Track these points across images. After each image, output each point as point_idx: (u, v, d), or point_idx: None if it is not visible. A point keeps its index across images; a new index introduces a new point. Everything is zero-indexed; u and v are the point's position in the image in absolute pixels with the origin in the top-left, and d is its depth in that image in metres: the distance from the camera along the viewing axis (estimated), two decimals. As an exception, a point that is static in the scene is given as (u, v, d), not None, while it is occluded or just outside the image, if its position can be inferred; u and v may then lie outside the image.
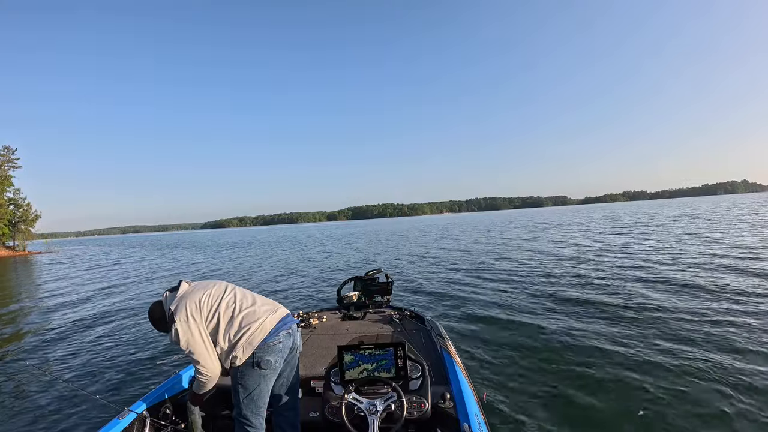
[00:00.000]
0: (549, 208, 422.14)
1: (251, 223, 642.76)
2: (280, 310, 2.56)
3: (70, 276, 19.91)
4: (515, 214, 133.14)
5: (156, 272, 19.56)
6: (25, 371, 5.82)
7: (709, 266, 10.58)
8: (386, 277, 5.33)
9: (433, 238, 32.01)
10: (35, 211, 55.38)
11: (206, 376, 2.32)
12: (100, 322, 8.82)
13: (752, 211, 36.86)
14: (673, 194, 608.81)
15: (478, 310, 7.68)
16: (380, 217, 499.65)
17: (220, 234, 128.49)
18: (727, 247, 13.97)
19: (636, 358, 4.91)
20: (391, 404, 2.33)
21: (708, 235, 18.47)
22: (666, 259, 12.41)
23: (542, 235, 26.06)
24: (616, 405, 3.86)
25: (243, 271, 17.67)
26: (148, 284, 15.14)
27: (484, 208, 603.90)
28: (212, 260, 24.95)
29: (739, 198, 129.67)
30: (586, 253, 15.20)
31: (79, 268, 24.27)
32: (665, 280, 9.25)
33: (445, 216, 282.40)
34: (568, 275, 10.81)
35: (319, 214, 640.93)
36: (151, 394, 2.87)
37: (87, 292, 13.88)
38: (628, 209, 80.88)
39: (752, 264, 10.51)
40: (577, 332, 6.00)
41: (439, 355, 3.44)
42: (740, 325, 5.85)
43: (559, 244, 19.40)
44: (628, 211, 63.99)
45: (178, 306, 2.31)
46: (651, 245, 16.23)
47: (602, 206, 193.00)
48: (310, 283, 12.79)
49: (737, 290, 7.83)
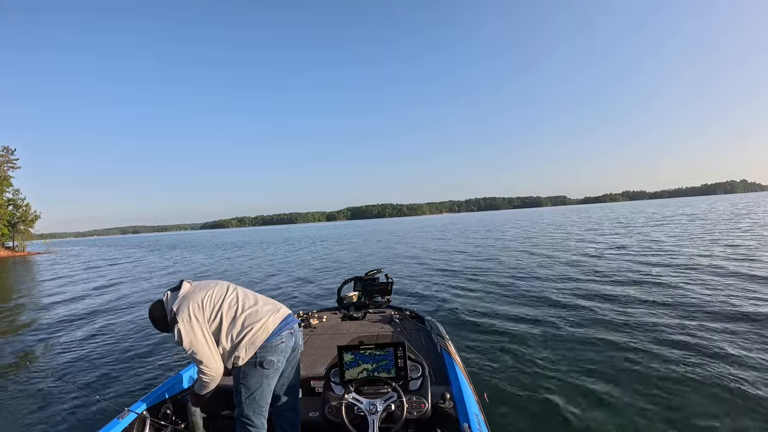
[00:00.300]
0: (548, 207, 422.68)
1: (250, 224, 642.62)
2: (282, 309, 2.56)
3: (68, 276, 19.91)
4: (514, 214, 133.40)
5: (153, 272, 19.56)
6: (24, 371, 5.82)
7: (705, 267, 10.63)
8: (386, 278, 5.34)
9: (431, 238, 32.10)
10: (34, 212, 55.38)
11: (209, 376, 2.32)
12: (100, 321, 8.82)
13: (749, 211, 36.96)
14: (672, 194, 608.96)
15: (477, 311, 7.69)
16: (379, 218, 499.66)
17: (218, 234, 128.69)
18: (724, 248, 14.02)
19: (636, 357, 4.93)
20: (391, 404, 2.33)
21: (704, 235, 18.54)
22: (664, 261, 12.45)
23: (540, 236, 26.19)
24: (617, 405, 3.87)
25: (237, 272, 17.74)
26: (146, 283, 15.16)
27: (484, 208, 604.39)
28: (209, 260, 25.06)
29: (738, 198, 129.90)
30: (585, 254, 15.25)
31: (77, 269, 24.27)
32: (664, 283, 9.29)
33: (444, 216, 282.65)
34: (568, 276, 10.84)
35: (319, 214, 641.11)
36: (151, 394, 2.87)
37: (85, 292, 13.89)
38: (627, 209, 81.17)
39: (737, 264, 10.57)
40: (577, 332, 6.01)
41: (439, 355, 3.45)
42: (719, 330, 5.86)
43: (557, 245, 19.47)
44: (625, 211, 64.30)
45: (180, 306, 2.31)
46: (649, 246, 16.28)
47: (601, 206, 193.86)
48: (297, 284, 12.84)
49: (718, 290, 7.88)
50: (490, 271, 12.71)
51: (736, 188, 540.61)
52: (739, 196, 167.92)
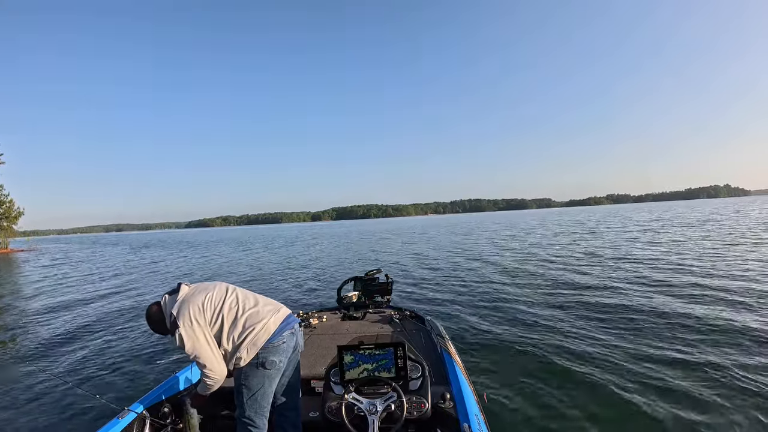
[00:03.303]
0: (532, 210, 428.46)
1: (235, 223, 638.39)
2: (283, 310, 2.59)
3: (59, 274, 19.68)
4: (499, 216, 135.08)
5: (150, 271, 19.49)
6: (24, 370, 5.83)
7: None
8: (386, 277, 5.39)
9: (420, 240, 32.42)
10: (18, 208, 53.96)
11: (214, 379, 2.34)
12: (99, 321, 8.81)
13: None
14: (656, 198, 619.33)
15: (477, 311, 7.78)
16: (365, 218, 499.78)
17: (201, 233, 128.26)
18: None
19: (637, 358, 5.01)
20: (391, 404, 2.37)
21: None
22: (667, 264, 12.96)
23: (536, 236, 27.18)
24: (617, 405, 3.95)
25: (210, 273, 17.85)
26: (143, 283, 15.09)
27: (469, 210, 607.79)
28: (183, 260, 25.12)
29: (719, 202, 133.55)
30: (583, 254, 15.73)
31: (68, 266, 24.07)
32: (670, 283, 9.59)
33: (429, 217, 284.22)
34: (568, 276, 11.07)
35: (304, 214, 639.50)
36: (150, 393, 2.92)
37: (81, 291, 13.77)
38: (607, 211, 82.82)
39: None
40: (577, 333, 6.11)
41: (439, 355, 3.50)
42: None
43: (554, 245, 20.15)
44: (601, 215, 65.52)
45: (180, 310, 2.31)
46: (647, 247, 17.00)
47: (583, 209, 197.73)
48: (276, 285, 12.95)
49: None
50: (489, 272, 12.95)
51: (719, 193, 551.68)
52: (722, 201, 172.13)
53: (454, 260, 16.20)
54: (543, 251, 17.26)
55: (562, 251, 16.80)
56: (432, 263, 15.67)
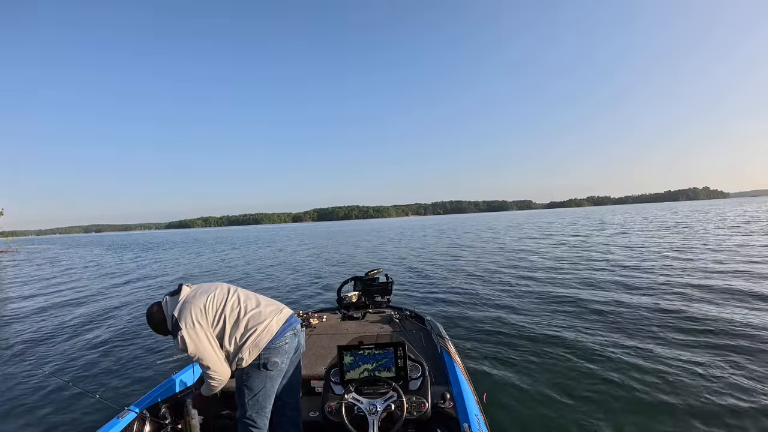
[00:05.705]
0: (512, 212, 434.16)
1: (216, 224, 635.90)
2: (285, 310, 2.62)
3: (48, 275, 19.75)
4: (481, 217, 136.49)
5: (145, 270, 19.73)
6: (23, 370, 5.86)
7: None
8: (386, 277, 5.44)
9: (405, 241, 32.60)
10: None
11: (217, 380, 2.38)
12: (99, 321, 8.83)
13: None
14: (636, 200, 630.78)
15: (477, 311, 7.84)
16: (346, 219, 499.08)
17: (180, 234, 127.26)
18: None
19: (637, 358, 5.07)
20: (391, 404, 2.41)
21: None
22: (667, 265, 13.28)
23: (533, 236, 27.80)
24: (617, 405, 4.00)
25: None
26: (141, 282, 15.16)
27: (450, 212, 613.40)
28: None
29: (697, 204, 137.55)
30: (581, 254, 16.07)
31: (57, 267, 24.18)
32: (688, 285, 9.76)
33: (411, 219, 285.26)
34: (568, 277, 11.24)
35: (285, 215, 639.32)
36: (150, 393, 2.96)
37: (80, 291, 13.79)
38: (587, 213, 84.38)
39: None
40: (577, 333, 6.17)
41: (439, 355, 3.55)
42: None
43: (553, 245, 20.53)
44: (577, 217, 66.68)
45: (182, 312, 2.33)
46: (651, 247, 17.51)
47: (564, 210, 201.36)
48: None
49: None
50: (489, 272, 13.14)
51: (698, 195, 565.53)
52: (700, 203, 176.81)
53: (451, 262, 16.42)
54: (533, 255, 17.50)
55: (560, 254, 17.11)
56: (427, 267, 15.84)
